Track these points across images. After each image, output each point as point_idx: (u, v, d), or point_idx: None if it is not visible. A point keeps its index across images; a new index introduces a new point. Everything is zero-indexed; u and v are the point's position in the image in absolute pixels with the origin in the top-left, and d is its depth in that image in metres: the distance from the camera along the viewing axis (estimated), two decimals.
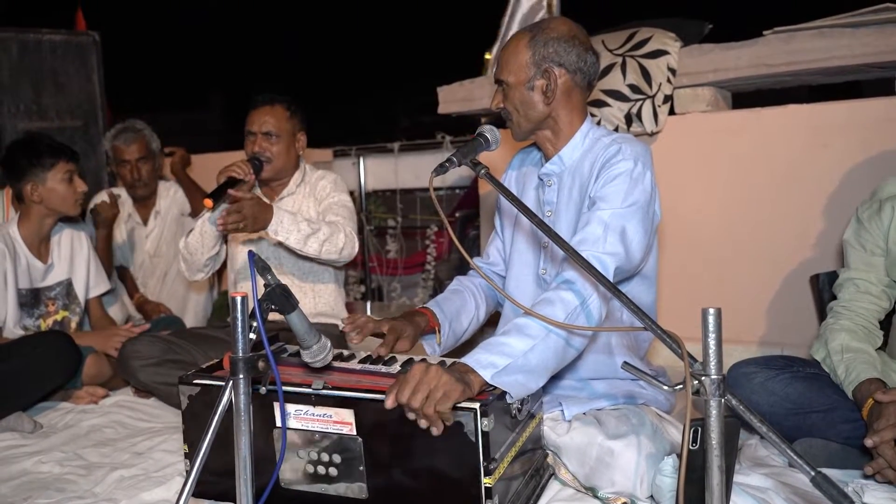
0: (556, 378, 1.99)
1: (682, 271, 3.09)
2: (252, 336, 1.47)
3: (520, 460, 1.74)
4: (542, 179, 2.12)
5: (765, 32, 2.95)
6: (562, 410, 1.94)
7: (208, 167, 3.15)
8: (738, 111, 3.11)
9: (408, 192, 4.86)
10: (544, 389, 2.00)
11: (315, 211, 2.92)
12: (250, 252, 1.55)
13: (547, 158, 2.11)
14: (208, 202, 2.60)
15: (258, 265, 1.57)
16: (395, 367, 1.86)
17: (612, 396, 1.98)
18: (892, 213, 2.07)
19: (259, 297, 1.52)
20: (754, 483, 1.83)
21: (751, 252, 2.97)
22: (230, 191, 2.58)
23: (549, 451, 1.93)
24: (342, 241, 2.72)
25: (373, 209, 5.06)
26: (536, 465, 1.86)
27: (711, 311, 1.27)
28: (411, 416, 1.55)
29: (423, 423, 1.54)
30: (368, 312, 4.89)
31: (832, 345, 2.08)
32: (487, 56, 3.74)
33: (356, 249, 2.80)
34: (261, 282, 1.55)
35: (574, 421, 1.89)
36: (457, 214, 4.45)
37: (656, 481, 1.72)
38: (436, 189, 4.69)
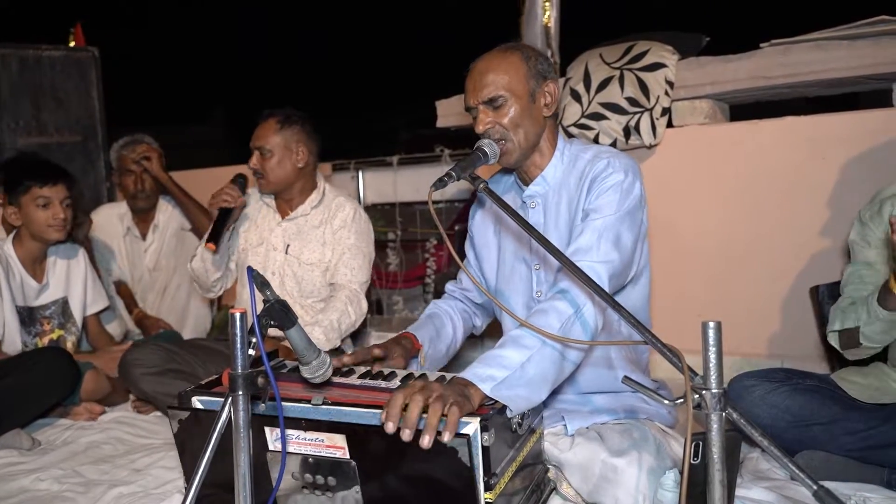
0: (557, 392, 1.99)
1: (680, 283, 3.09)
2: (251, 352, 1.47)
3: (520, 475, 1.72)
4: (525, 202, 2.10)
5: (762, 45, 2.97)
6: (564, 425, 1.93)
7: (211, 181, 3.16)
8: (736, 123, 3.13)
9: (407, 205, 4.85)
10: (546, 404, 2.00)
11: (326, 239, 2.86)
12: (249, 268, 1.54)
13: (526, 181, 2.10)
14: (211, 246, 2.73)
15: (257, 280, 1.57)
16: (395, 382, 1.85)
17: (614, 411, 1.98)
18: (892, 208, 2.12)
19: (258, 312, 1.52)
20: (756, 497, 1.83)
21: (750, 264, 2.97)
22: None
23: (550, 466, 1.92)
24: (353, 315, 2.74)
25: (372, 223, 5.05)
26: (537, 479, 1.85)
27: (711, 324, 1.27)
28: (390, 427, 1.48)
29: (406, 435, 1.47)
30: (367, 326, 4.88)
31: (841, 305, 2.13)
32: None
33: (365, 304, 2.81)
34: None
35: (577, 436, 1.89)
36: (456, 227, 4.43)
37: (658, 496, 1.71)
38: (435, 202, 4.69)
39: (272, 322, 1.58)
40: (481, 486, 1.54)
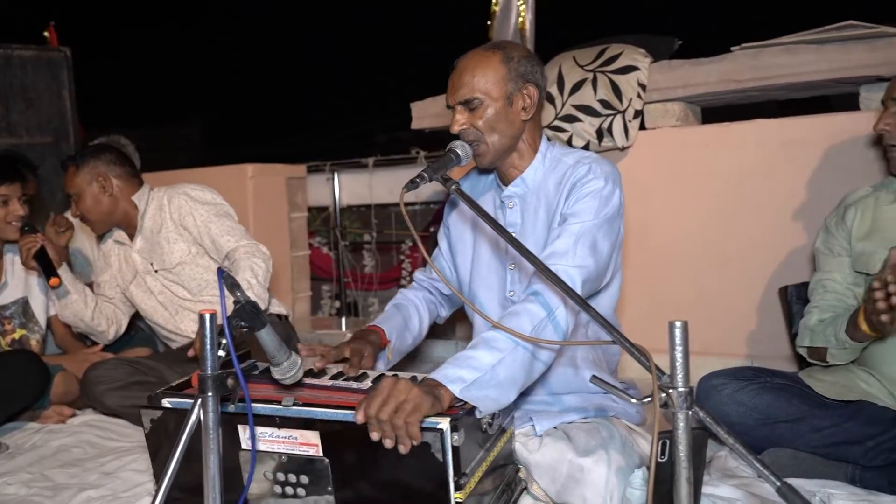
0: (526, 393, 2.00)
1: (652, 284, 3.12)
2: (221, 353, 1.47)
3: (491, 475, 1.73)
4: (503, 202, 2.11)
5: (732, 48, 2.99)
6: (533, 425, 1.94)
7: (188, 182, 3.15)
8: (707, 126, 3.16)
9: (382, 207, 4.86)
10: (515, 405, 2.01)
11: (173, 236, 2.94)
12: (220, 269, 1.54)
13: (505, 181, 2.11)
14: (54, 280, 2.83)
15: (227, 282, 1.56)
16: (367, 383, 1.85)
17: (583, 409, 1.99)
18: (855, 214, 2.20)
19: (228, 314, 1.52)
20: (723, 494, 1.85)
21: (720, 265, 3.00)
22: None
23: (521, 466, 1.93)
24: (262, 263, 2.77)
25: (347, 224, 5.05)
26: (508, 479, 1.86)
27: (678, 323, 1.29)
28: (375, 436, 1.51)
29: (388, 444, 1.51)
30: (343, 328, 4.88)
31: (810, 323, 2.19)
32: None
33: (265, 249, 2.84)
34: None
35: (545, 437, 1.90)
36: (431, 229, 4.45)
37: (626, 494, 1.72)
38: (410, 204, 4.71)
39: (242, 323, 1.58)
40: (451, 486, 1.54)
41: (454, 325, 3.60)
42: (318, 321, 4.80)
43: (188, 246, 2.94)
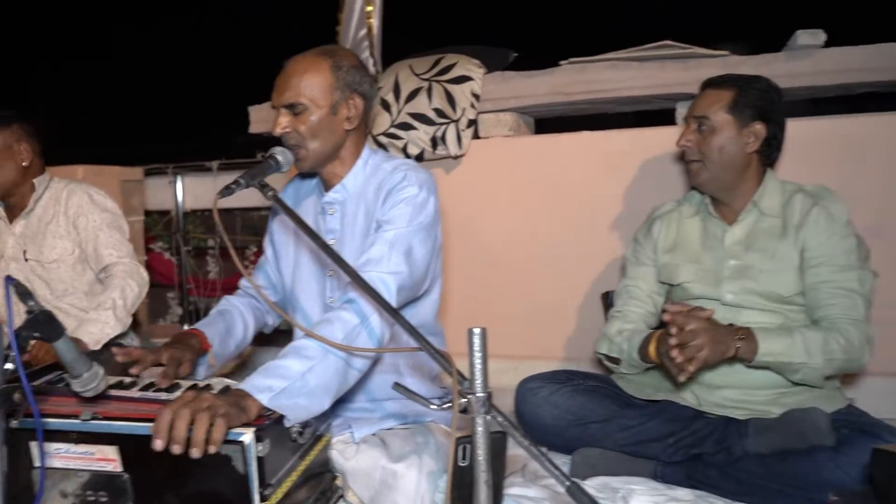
0: (348, 400, 2.01)
1: (479, 290, 3.19)
2: (10, 365, 1.39)
3: (306, 484, 1.72)
4: (324, 208, 2.11)
5: (561, 63, 3.11)
6: (351, 433, 1.94)
7: None
8: (537, 136, 3.27)
9: (227, 211, 4.73)
10: (336, 412, 2.01)
11: (62, 231, 2.84)
12: (8, 277, 1.46)
13: (327, 187, 2.11)
14: None
15: (18, 290, 1.49)
16: (178, 394, 1.79)
17: (402, 415, 2.01)
18: (661, 227, 2.34)
19: (20, 324, 1.44)
20: (532, 494, 1.91)
21: (546, 271, 3.10)
22: None
23: (338, 474, 1.93)
24: (136, 287, 2.73)
25: (191, 229, 4.90)
26: (324, 487, 1.85)
27: (476, 330, 1.32)
28: (177, 449, 1.44)
29: (176, 449, 1.44)
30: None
31: (610, 332, 2.29)
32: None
33: (145, 274, 2.81)
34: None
35: (362, 443, 1.90)
36: None
37: (435, 498, 1.75)
38: (256, 209, 4.60)
39: (35, 334, 1.50)
40: (256, 498, 1.52)
41: (290, 332, 3.55)
42: (160, 328, 4.62)
43: (72, 246, 2.83)
